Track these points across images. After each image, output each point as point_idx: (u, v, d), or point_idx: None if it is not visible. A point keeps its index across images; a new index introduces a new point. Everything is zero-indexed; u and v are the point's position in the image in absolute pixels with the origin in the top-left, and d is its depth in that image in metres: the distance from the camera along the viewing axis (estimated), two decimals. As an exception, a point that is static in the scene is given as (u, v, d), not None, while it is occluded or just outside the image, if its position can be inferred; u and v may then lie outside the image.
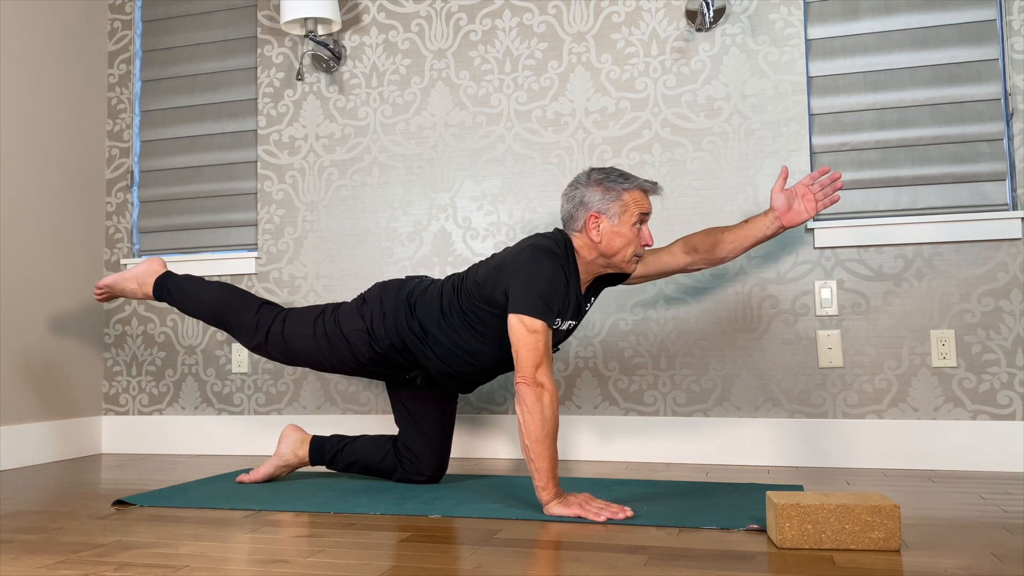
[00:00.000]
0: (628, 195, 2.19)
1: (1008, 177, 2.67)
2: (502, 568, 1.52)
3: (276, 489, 2.40)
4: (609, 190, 2.19)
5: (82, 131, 3.44)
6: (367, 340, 2.34)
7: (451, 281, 2.33)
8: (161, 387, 3.41)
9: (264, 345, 2.44)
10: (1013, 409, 2.60)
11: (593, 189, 2.20)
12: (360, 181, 3.23)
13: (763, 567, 1.51)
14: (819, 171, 2.41)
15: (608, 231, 2.19)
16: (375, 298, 2.39)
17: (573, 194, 2.24)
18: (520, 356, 2.02)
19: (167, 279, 2.58)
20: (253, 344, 2.46)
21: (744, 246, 2.47)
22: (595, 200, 2.19)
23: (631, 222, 2.19)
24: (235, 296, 2.51)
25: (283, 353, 2.44)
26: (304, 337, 2.40)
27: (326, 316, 2.41)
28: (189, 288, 2.54)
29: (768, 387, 2.80)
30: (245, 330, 2.45)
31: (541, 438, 1.97)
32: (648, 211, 2.23)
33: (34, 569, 1.56)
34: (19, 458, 3.04)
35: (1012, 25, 2.67)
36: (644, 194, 2.22)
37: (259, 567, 1.56)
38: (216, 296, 2.51)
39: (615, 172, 2.22)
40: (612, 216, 2.18)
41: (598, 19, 3.02)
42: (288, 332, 2.41)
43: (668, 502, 2.09)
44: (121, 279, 2.63)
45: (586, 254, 2.23)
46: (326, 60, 3.26)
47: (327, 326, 2.39)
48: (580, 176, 2.27)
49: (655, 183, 2.24)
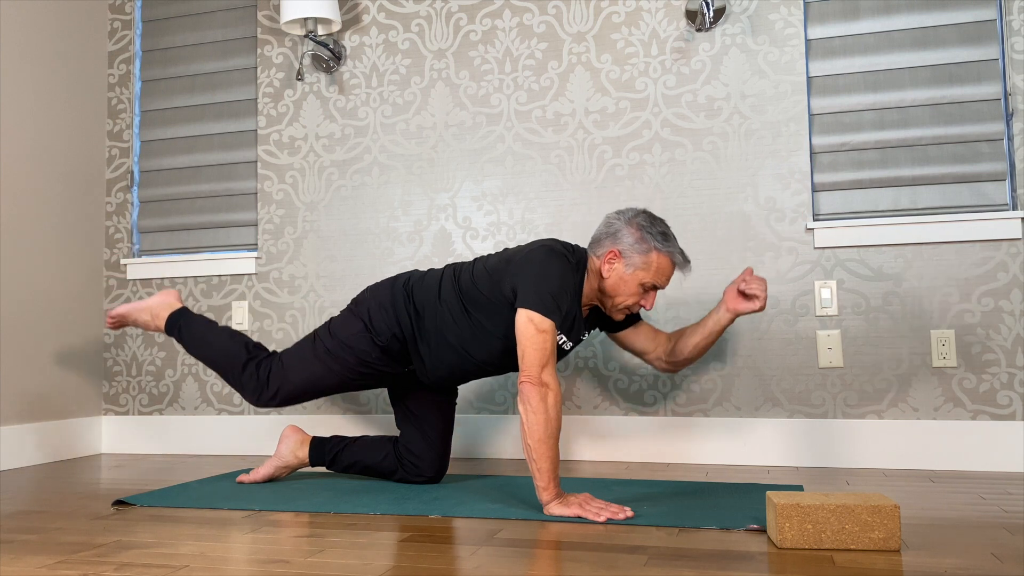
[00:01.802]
0: (657, 257, 2.16)
1: (1008, 177, 2.67)
2: (502, 568, 1.52)
3: (276, 489, 2.40)
4: (644, 240, 2.15)
5: (82, 131, 3.44)
6: (368, 338, 2.34)
7: (452, 268, 2.35)
8: (161, 387, 3.41)
9: (266, 392, 2.37)
10: (1013, 409, 2.60)
11: (631, 229, 2.17)
12: (360, 181, 3.23)
13: (763, 567, 1.51)
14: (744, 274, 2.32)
15: (618, 274, 2.17)
16: (368, 297, 2.40)
17: (612, 222, 2.21)
18: (526, 355, 2.01)
19: (180, 317, 2.52)
20: (257, 398, 2.39)
21: (706, 343, 2.39)
22: (626, 241, 2.16)
23: (641, 280, 2.17)
24: (241, 350, 2.43)
25: (289, 392, 2.37)
26: (304, 361, 2.36)
27: (320, 335, 2.40)
28: (199, 331, 2.48)
29: (768, 387, 2.80)
30: (248, 386, 2.39)
31: (544, 438, 1.97)
32: (664, 285, 2.20)
33: (34, 569, 1.56)
34: (19, 458, 3.04)
35: (1012, 25, 2.67)
36: (672, 266, 2.19)
37: (259, 567, 1.56)
38: (224, 347, 2.44)
39: (660, 227, 2.17)
40: (630, 264, 2.16)
41: (598, 19, 3.02)
42: (287, 366, 2.37)
43: (668, 502, 2.09)
44: (135, 309, 2.57)
45: (592, 280, 2.23)
46: (326, 60, 3.26)
47: (325, 343, 2.37)
48: (629, 210, 2.22)
49: (688, 261, 2.20)
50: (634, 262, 2.16)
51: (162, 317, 2.53)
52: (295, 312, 3.26)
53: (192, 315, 2.53)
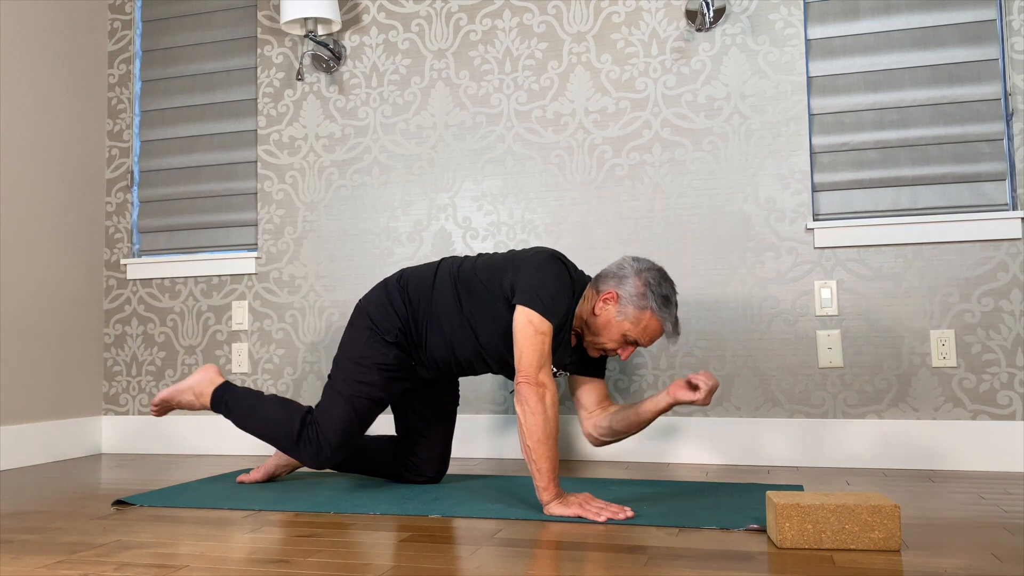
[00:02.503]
0: (649, 318, 2.13)
1: (1008, 177, 2.67)
2: (502, 568, 1.52)
3: (276, 489, 2.40)
4: (644, 297, 2.12)
5: (82, 131, 3.44)
6: (379, 341, 2.31)
7: (449, 259, 2.37)
8: (161, 387, 3.41)
9: (322, 454, 2.28)
10: (1013, 409, 2.60)
11: (637, 281, 2.13)
12: (360, 181, 3.23)
13: (763, 567, 1.51)
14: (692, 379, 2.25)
15: (608, 316, 2.14)
16: (364, 305, 2.40)
17: (624, 266, 2.17)
18: (524, 355, 2.01)
19: (225, 392, 2.42)
20: (319, 463, 2.30)
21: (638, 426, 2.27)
22: (628, 289, 2.13)
23: (626, 332, 2.14)
24: (293, 419, 2.33)
25: (337, 443, 2.27)
26: (333, 407, 2.29)
27: (334, 372, 2.35)
28: (246, 404, 2.39)
29: (768, 387, 2.80)
30: (307, 456, 2.30)
31: (543, 438, 1.97)
32: (646, 345, 2.18)
33: (34, 569, 1.56)
34: (19, 458, 3.04)
35: (1012, 25, 2.67)
36: (660, 331, 2.15)
37: (259, 567, 1.56)
38: (275, 418, 2.33)
39: (666, 290, 2.14)
40: (621, 312, 2.13)
41: (598, 19, 3.02)
42: (323, 424, 2.28)
43: (668, 502, 2.09)
44: (177, 392, 2.46)
45: (585, 309, 2.20)
46: (326, 60, 3.26)
47: (343, 373, 2.32)
48: (646, 262, 2.17)
49: (678, 333, 2.16)
50: (627, 312, 2.13)
51: (206, 395, 2.43)
52: (295, 312, 3.26)
53: (236, 388, 2.43)
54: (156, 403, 2.45)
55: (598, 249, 2.96)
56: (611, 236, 2.95)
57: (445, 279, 2.31)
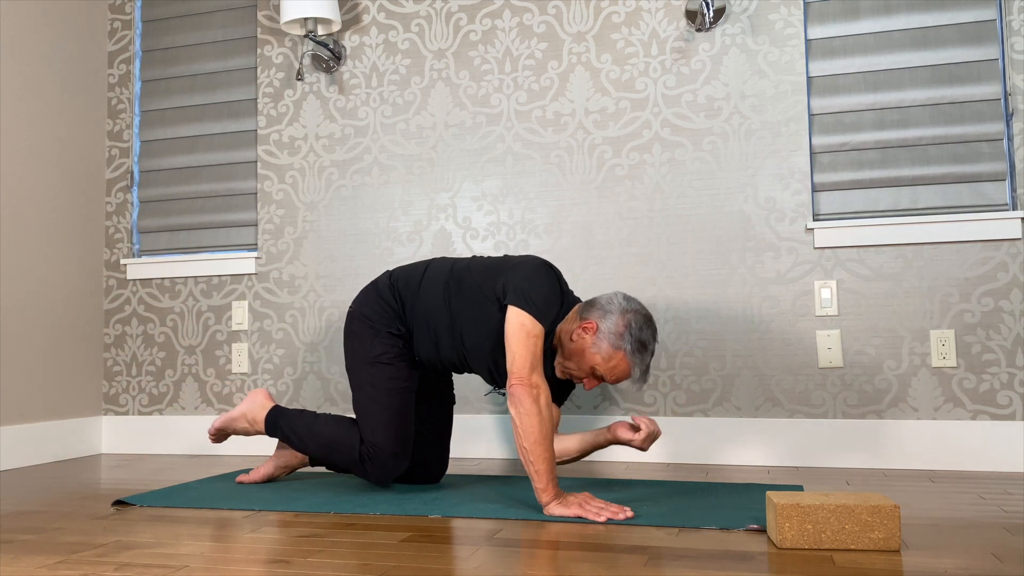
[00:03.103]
0: (620, 358, 2.09)
1: (1008, 177, 2.67)
2: (502, 568, 1.52)
3: (276, 489, 2.40)
4: (622, 337, 2.09)
5: (82, 131, 3.44)
6: (383, 335, 2.33)
7: (440, 259, 2.39)
8: (161, 387, 3.41)
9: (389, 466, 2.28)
10: (1013, 409, 2.60)
11: (620, 320, 2.09)
12: (360, 181, 3.23)
13: (763, 567, 1.51)
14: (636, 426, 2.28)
15: (583, 345, 2.11)
16: (356, 309, 2.40)
17: (612, 301, 2.14)
18: (516, 357, 2.02)
19: (278, 417, 2.42)
20: (385, 477, 2.29)
21: (575, 455, 2.35)
22: (608, 325, 2.09)
23: (594, 365, 2.12)
24: (352, 437, 2.32)
25: (392, 447, 2.27)
26: (370, 414, 2.28)
27: (355, 379, 2.33)
28: (303, 427, 2.38)
29: (768, 387, 2.80)
30: (373, 474, 2.29)
31: (540, 439, 1.97)
32: (612, 383, 2.16)
33: (34, 569, 1.56)
34: (19, 458, 3.04)
35: (1012, 25, 2.67)
36: (627, 375, 2.13)
37: (259, 567, 1.56)
38: (336, 438, 2.33)
39: (644, 335, 2.10)
40: (596, 346, 2.10)
41: (598, 19, 3.02)
42: (369, 441, 2.27)
43: (668, 502, 2.09)
44: (231, 420, 2.48)
45: (563, 328, 2.18)
46: (326, 60, 3.26)
47: (364, 378, 2.30)
48: (635, 303, 2.14)
49: (645, 380, 2.13)
50: (601, 347, 2.10)
51: (260, 420, 2.44)
52: (295, 312, 3.26)
53: (288, 412, 2.43)
54: (212, 432, 2.50)
55: (598, 249, 2.96)
56: (611, 236, 2.95)
57: (434, 277, 2.33)
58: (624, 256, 2.94)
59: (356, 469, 2.32)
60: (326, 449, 2.36)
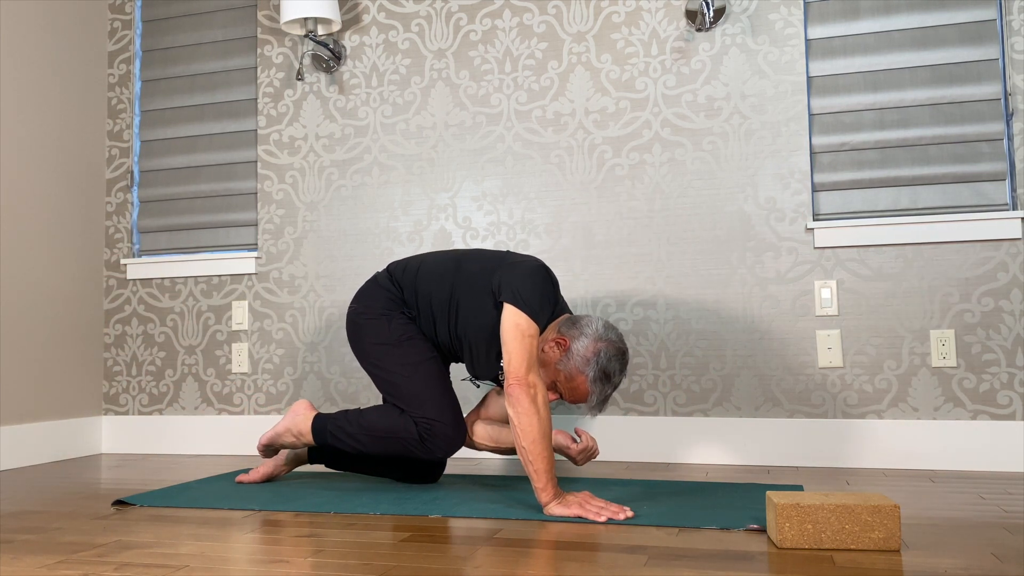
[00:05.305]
0: (582, 382, 2.10)
1: (1008, 177, 2.67)
2: (502, 568, 1.52)
3: (276, 489, 2.40)
4: (588, 363, 2.08)
5: (82, 131, 3.44)
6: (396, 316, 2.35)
7: (437, 251, 2.43)
8: (161, 387, 3.41)
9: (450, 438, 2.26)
10: (1013, 409, 2.60)
11: (591, 346, 2.09)
12: (360, 181, 3.23)
13: (763, 567, 1.51)
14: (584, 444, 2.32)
15: (552, 358, 2.12)
16: (359, 304, 2.41)
17: (592, 325, 2.13)
18: (513, 357, 2.02)
19: (326, 424, 2.37)
20: (450, 449, 2.26)
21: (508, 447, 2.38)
22: (579, 347, 2.09)
23: (556, 380, 2.13)
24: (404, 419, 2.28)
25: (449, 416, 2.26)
26: (411, 386, 2.27)
27: (383, 368, 2.32)
28: (351, 426, 2.32)
29: (768, 387, 2.80)
30: (438, 449, 2.26)
31: (538, 438, 1.97)
32: (569, 402, 2.18)
33: (34, 569, 1.56)
34: (19, 458, 3.04)
35: (1012, 25, 2.67)
36: (585, 399, 2.14)
37: (259, 567, 1.56)
38: (389, 427, 2.29)
39: (611, 367, 2.10)
40: (563, 363, 2.10)
41: (598, 19, 3.02)
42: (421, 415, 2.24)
43: (668, 502, 2.09)
44: (277, 436, 2.44)
45: (546, 336, 2.17)
46: (326, 60, 3.26)
47: (392, 362, 2.30)
48: (614, 333, 2.13)
49: (601, 410, 2.15)
50: (567, 366, 2.10)
51: (306, 431, 2.39)
52: (295, 312, 3.26)
53: (332, 416, 2.38)
54: (260, 448, 2.50)
55: (598, 249, 2.96)
56: (611, 236, 2.95)
57: (433, 263, 2.36)
58: (624, 256, 2.94)
59: (417, 450, 2.26)
60: (382, 441, 2.29)
